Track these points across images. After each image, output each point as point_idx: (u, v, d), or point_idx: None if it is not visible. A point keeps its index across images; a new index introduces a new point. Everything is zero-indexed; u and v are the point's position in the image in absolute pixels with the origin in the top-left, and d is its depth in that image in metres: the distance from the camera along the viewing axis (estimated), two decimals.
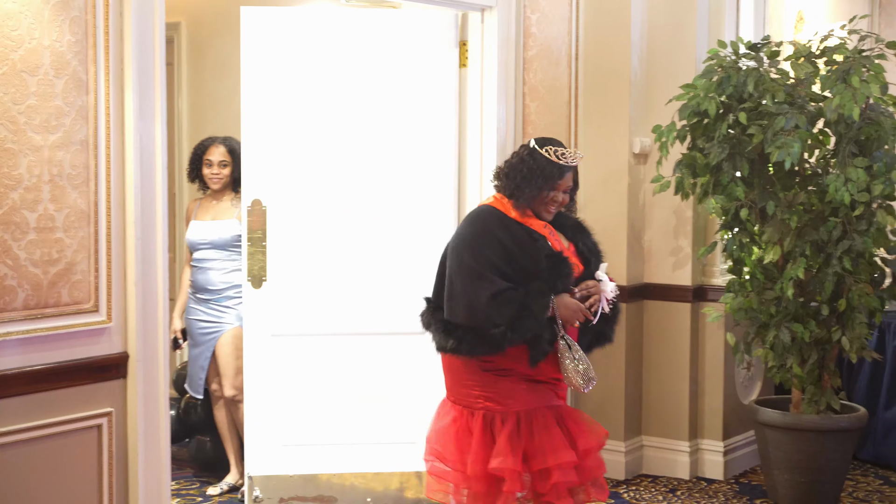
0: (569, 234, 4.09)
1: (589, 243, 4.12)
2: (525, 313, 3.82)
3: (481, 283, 3.84)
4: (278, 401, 5.27)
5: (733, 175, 5.39)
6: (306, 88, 5.19)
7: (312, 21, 5.22)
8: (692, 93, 5.40)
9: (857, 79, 5.12)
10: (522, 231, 3.94)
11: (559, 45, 5.78)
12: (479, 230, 3.95)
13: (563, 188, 4.01)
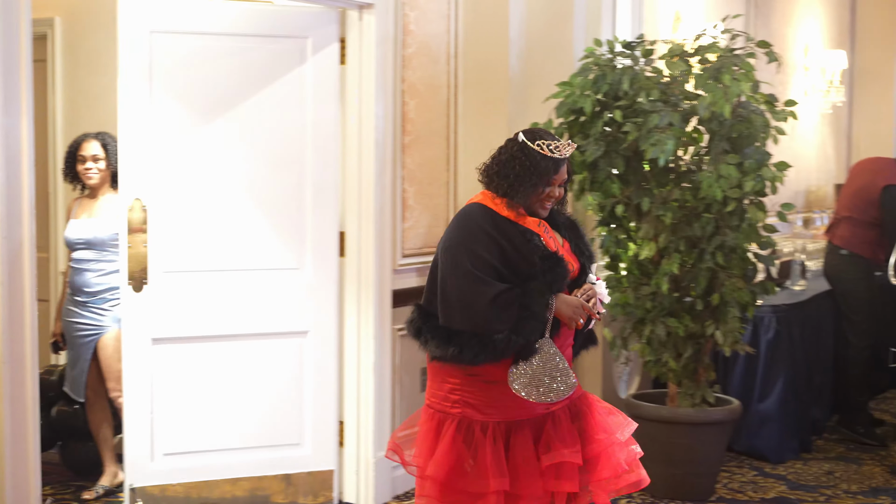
0: (562, 232, 3.91)
1: (581, 242, 3.94)
2: (526, 315, 3.63)
3: (478, 285, 3.63)
4: (160, 408, 5.15)
5: (609, 172, 5.46)
6: (185, 83, 5.10)
7: (191, 14, 5.12)
8: (568, 91, 5.46)
9: (728, 77, 5.22)
10: (516, 230, 3.73)
11: (438, 42, 5.79)
12: (473, 230, 3.72)
13: (559, 182, 3.81)
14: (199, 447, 5.23)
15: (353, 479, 5.51)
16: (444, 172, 5.86)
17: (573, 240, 3.90)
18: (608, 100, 5.45)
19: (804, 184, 9.49)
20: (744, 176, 5.32)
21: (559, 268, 3.70)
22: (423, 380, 5.78)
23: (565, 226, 3.93)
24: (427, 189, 5.76)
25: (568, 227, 3.94)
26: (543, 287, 3.66)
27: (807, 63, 9.45)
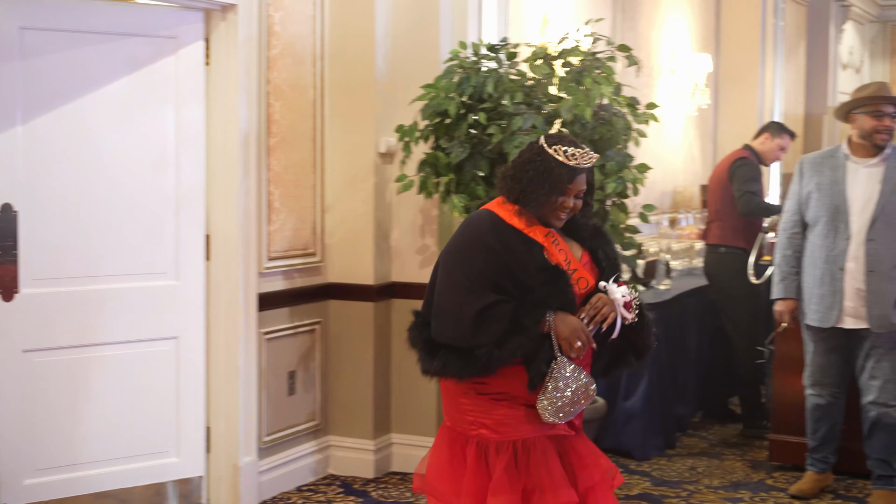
0: (586, 243, 3.68)
1: (608, 252, 3.69)
2: (515, 329, 3.43)
3: (469, 296, 3.45)
4: (32, 422, 4.95)
5: (474, 174, 5.48)
6: (53, 83, 4.95)
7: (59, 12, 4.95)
8: (433, 93, 5.47)
9: (589, 80, 5.29)
10: (518, 239, 3.53)
11: (304, 44, 5.76)
12: (471, 238, 3.55)
13: (575, 192, 3.57)
14: (73, 461, 5.09)
15: (220, 485, 5.45)
16: (310, 174, 5.83)
17: (599, 250, 3.68)
18: (473, 102, 5.47)
19: (671, 184, 9.66)
20: (606, 178, 5.39)
21: (560, 282, 3.49)
22: (290, 383, 5.75)
23: (591, 235, 3.70)
24: (293, 191, 5.73)
25: (593, 238, 3.70)
26: (539, 301, 3.46)
27: (673, 66, 9.63)
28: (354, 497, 5.64)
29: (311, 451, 5.90)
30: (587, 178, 3.61)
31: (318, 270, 5.92)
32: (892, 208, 5.46)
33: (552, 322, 3.46)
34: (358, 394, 5.96)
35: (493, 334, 3.43)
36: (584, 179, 3.59)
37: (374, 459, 5.95)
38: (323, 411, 5.98)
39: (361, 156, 5.90)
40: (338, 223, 5.95)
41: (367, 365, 5.94)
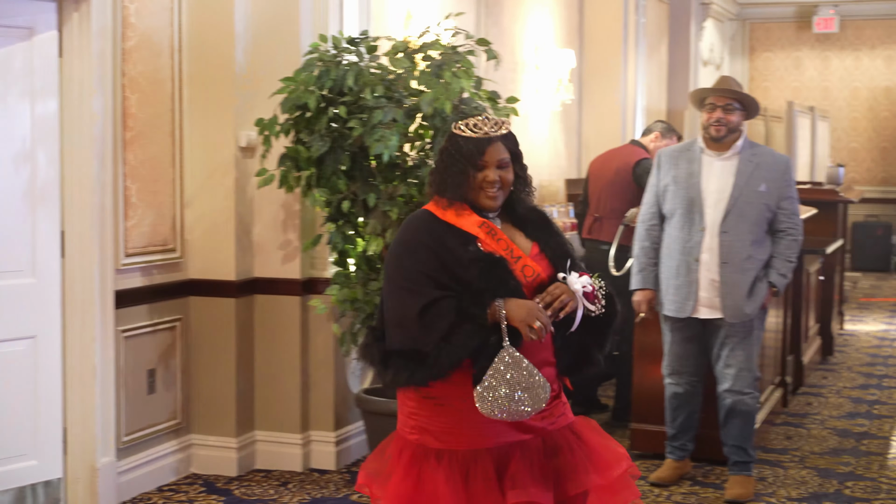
0: (530, 232, 3.44)
1: (553, 242, 3.45)
2: (461, 320, 3.21)
3: (411, 297, 3.26)
4: None
5: (336, 168, 5.46)
6: None
7: None
8: (293, 86, 5.43)
9: (449, 74, 5.30)
10: (451, 233, 3.33)
11: (161, 36, 5.66)
12: (406, 239, 3.36)
13: (494, 164, 3.33)
14: None
15: (77, 486, 5.32)
16: (169, 169, 5.74)
17: (542, 241, 3.45)
18: (333, 95, 5.45)
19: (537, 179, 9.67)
20: None
21: (497, 269, 3.29)
22: (150, 381, 5.65)
23: (535, 224, 3.47)
24: (151, 186, 5.62)
25: (538, 226, 3.47)
26: (480, 290, 3.25)
27: (537, 62, 9.72)
28: (217, 496, 5.57)
29: (172, 451, 5.81)
30: (507, 147, 3.37)
31: (177, 266, 5.82)
32: (744, 201, 5.58)
33: (501, 307, 3.23)
34: (220, 391, 5.88)
35: (440, 330, 3.22)
36: (501, 148, 3.35)
37: (237, 457, 5.88)
38: (184, 410, 5.89)
39: (221, 150, 5.82)
40: (198, 218, 5.87)
41: (229, 362, 5.87)
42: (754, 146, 5.75)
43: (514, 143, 3.42)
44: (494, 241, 3.35)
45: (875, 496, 5.71)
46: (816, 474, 6.05)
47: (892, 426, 7.14)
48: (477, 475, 3.28)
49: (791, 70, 16.07)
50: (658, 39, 12.72)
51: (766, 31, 16.19)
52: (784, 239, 5.64)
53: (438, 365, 3.22)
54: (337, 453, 6.04)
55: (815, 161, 13.80)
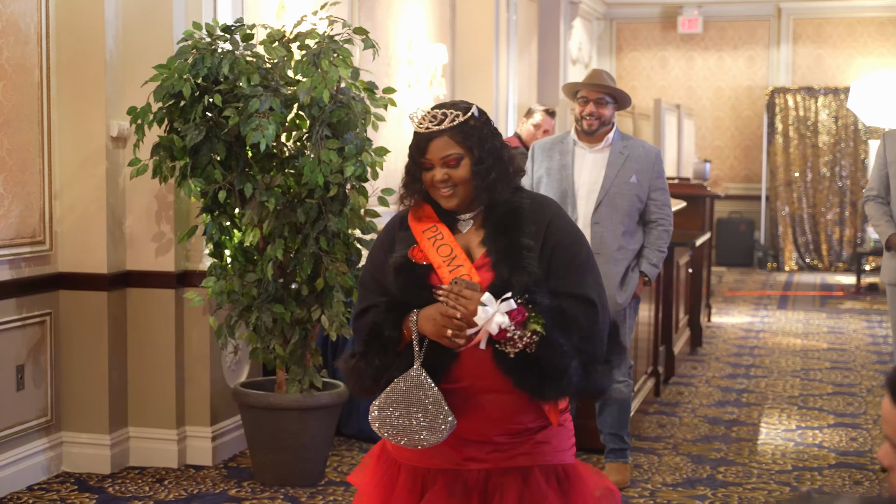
0: (490, 234, 3.03)
1: (502, 244, 2.99)
2: (376, 333, 2.98)
3: (358, 300, 3.11)
4: None
5: (211, 158, 5.37)
6: None
7: None
8: (166, 74, 5.32)
9: (326, 62, 5.26)
10: (401, 237, 3.07)
11: (28, 21, 5.49)
12: (378, 237, 3.19)
13: (440, 161, 2.98)
14: None
15: None
16: (37, 159, 5.57)
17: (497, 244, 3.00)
18: (208, 84, 5.36)
19: None
20: (344, 161, 5.38)
21: (410, 280, 2.99)
22: (18, 378, 5.49)
23: (503, 226, 3.03)
24: (19, 177, 5.46)
25: (503, 227, 3.02)
26: (394, 304, 2.99)
27: (410, 56, 9.71)
28: (90, 494, 5.43)
29: (42, 449, 5.64)
30: (457, 140, 2.99)
31: (46, 259, 5.66)
32: (615, 192, 5.65)
33: (414, 321, 2.95)
34: (92, 387, 5.73)
35: (360, 342, 3.02)
36: (447, 143, 2.98)
37: (110, 455, 5.74)
38: (54, 406, 5.73)
39: (92, 139, 5.67)
40: (68, 210, 5.71)
41: (101, 357, 5.73)
42: (626, 138, 5.83)
43: (467, 135, 3.00)
44: (433, 248, 3.02)
45: (747, 480, 5.84)
46: (690, 460, 6.16)
47: (761, 413, 7.32)
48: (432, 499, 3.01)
49: (657, 69, 16.37)
50: (528, 37, 12.84)
51: (633, 31, 16.46)
52: (655, 230, 5.72)
53: (361, 380, 3.01)
54: (213, 449, 5.94)
55: (682, 157, 14.09)
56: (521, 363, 2.90)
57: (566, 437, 3.09)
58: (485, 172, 3.01)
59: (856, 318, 11.46)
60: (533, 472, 2.99)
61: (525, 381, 2.92)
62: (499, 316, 2.84)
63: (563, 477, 3.03)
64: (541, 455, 3.02)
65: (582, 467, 3.14)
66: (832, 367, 8.90)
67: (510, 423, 3.00)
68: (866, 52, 15.63)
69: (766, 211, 16.00)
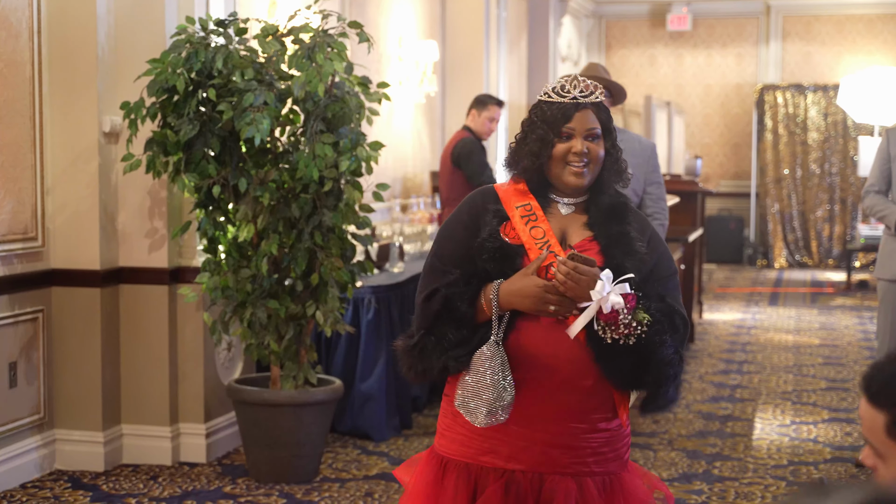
0: (595, 222, 2.90)
1: (612, 230, 2.86)
2: (450, 307, 2.82)
3: (427, 279, 2.90)
4: None
5: (205, 152, 5.34)
6: None
7: None
8: (160, 68, 5.28)
9: (321, 56, 5.23)
10: (491, 214, 2.89)
11: (19, 16, 5.45)
12: (453, 216, 2.98)
13: (582, 133, 2.83)
14: None
15: None
16: (29, 154, 5.53)
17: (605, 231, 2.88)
18: (202, 78, 5.32)
19: (402, 171, 9.73)
20: (339, 156, 5.35)
21: (505, 262, 2.84)
22: (11, 375, 5.44)
23: (608, 214, 2.89)
24: (10, 172, 5.41)
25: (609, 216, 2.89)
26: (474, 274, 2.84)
27: (401, 54, 9.69)
28: (84, 491, 5.39)
29: (35, 446, 5.60)
30: (599, 117, 2.87)
31: (39, 256, 5.62)
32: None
33: (496, 298, 2.81)
34: (85, 384, 5.69)
35: (428, 318, 2.85)
36: (592, 117, 2.85)
37: (103, 452, 5.70)
38: (47, 404, 5.69)
39: (84, 135, 5.63)
40: (60, 206, 5.67)
41: (94, 354, 5.68)
42: (621, 132, 5.77)
43: (607, 115, 2.90)
44: (526, 228, 2.86)
45: (743, 475, 5.83)
46: (685, 456, 6.15)
47: (755, 408, 7.31)
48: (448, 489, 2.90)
49: (646, 67, 16.37)
50: (518, 34, 12.82)
51: (622, 29, 16.46)
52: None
53: (423, 359, 2.86)
54: (207, 445, 5.90)
55: (672, 154, 14.08)
56: (617, 351, 2.77)
57: (623, 443, 2.98)
58: (617, 156, 2.91)
59: (847, 314, 11.47)
60: (587, 482, 2.88)
61: (617, 371, 2.80)
62: (615, 295, 2.71)
63: (619, 487, 2.92)
64: (597, 463, 2.91)
65: (637, 473, 3.04)
66: (825, 362, 8.91)
67: (571, 422, 2.86)
68: (855, 50, 15.65)
69: (756, 208, 16.01)
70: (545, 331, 2.83)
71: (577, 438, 2.87)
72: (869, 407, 1.84)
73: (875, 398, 1.84)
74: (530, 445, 2.86)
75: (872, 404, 1.84)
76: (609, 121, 2.91)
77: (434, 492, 2.92)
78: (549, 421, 2.86)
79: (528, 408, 2.85)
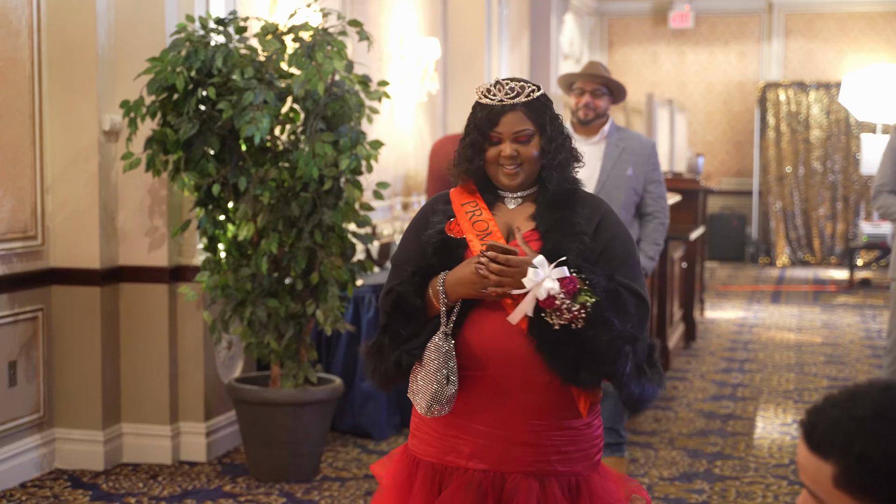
0: (542, 214, 2.90)
1: (554, 217, 2.87)
2: (399, 303, 2.85)
3: (387, 281, 2.94)
4: None
5: (205, 151, 5.33)
6: None
7: None
8: (159, 67, 5.27)
9: (321, 55, 5.22)
10: (439, 213, 2.94)
11: (18, 14, 5.44)
12: (415, 216, 3.03)
13: (510, 136, 2.83)
14: None
15: None
16: (28, 153, 5.52)
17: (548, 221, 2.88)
18: (201, 77, 5.31)
19: (403, 169, 9.71)
20: (339, 154, 5.34)
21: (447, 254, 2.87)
22: (10, 374, 5.44)
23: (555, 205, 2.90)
24: (10, 171, 5.41)
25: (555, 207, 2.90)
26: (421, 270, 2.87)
27: (402, 52, 9.67)
28: (84, 490, 5.38)
29: (35, 445, 5.59)
30: (530, 116, 2.85)
31: (39, 255, 5.61)
32: (612, 185, 5.61)
33: (443, 289, 2.82)
34: (85, 383, 5.68)
35: (383, 318, 2.90)
36: (520, 119, 2.84)
37: (103, 451, 5.69)
38: (47, 402, 5.68)
39: (84, 133, 5.62)
40: (60, 205, 5.66)
41: (94, 353, 5.68)
42: (621, 130, 5.80)
43: (541, 112, 2.88)
44: (469, 223, 2.90)
45: (744, 474, 5.81)
46: (686, 454, 6.14)
47: (756, 407, 7.30)
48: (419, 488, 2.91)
49: (648, 65, 16.35)
50: (520, 32, 12.80)
51: (624, 27, 16.44)
52: (651, 222, 5.69)
53: (381, 355, 2.88)
54: (207, 444, 5.89)
55: (674, 152, 14.06)
56: (559, 340, 2.74)
57: (591, 444, 2.94)
58: (554, 152, 2.89)
59: (849, 312, 11.46)
60: (551, 481, 2.85)
61: (559, 361, 2.77)
62: (549, 281, 2.69)
63: (586, 489, 2.88)
64: (561, 462, 2.87)
65: (607, 475, 2.99)
66: (827, 361, 8.89)
67: (532, 419, 2.83)
68: (857, 47, 15.63)
69: (758, 206, 16.00)
70: (499, 326, 2.80)
71: (539, 436, 2.84)
72: (811, 456, 1.67)
73: (818, 448, 1.66)
74: (491, 444, 2.84)
75: (816, 454, 1.66)
76: (545, 117, 2.88)
77: (404, 490, 2.92)
78: (509, 419, 2.83)
79: (487, 405, 2.83)
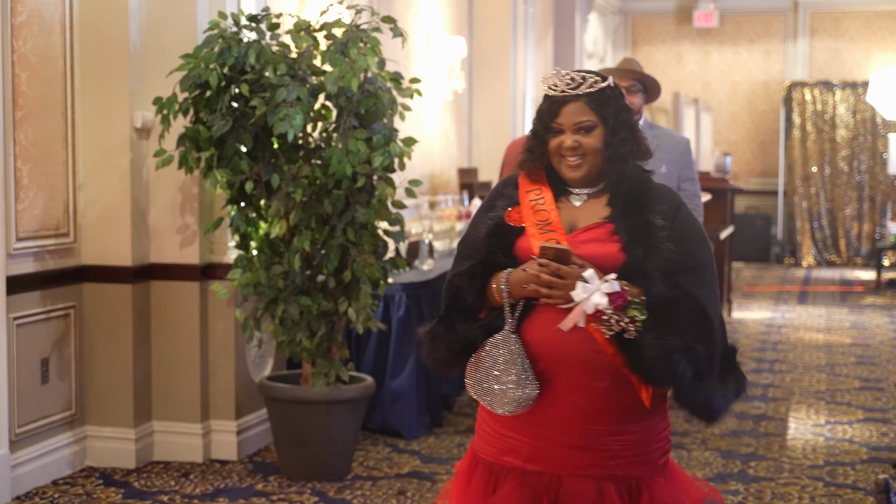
0: (617, 211, 2.83)
1: (634, 223, 2.79)
2: (459, 298, 2.84)
3: (454, 264, 2.92)
4: None
5: (237, 148, 5.31)
6: None
7: None
8: (192, 63, 5.25)
9: (354, 51, 5.19)
10: (504, 199, 2.92)
11: (52, 11, 5.43)
12: (482, 203, 3.00)
13: (571, 127, 2.81)
14: None
15: None
16: (61, 150, 5.52)
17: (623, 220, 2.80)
18: (234, 74, 5.29)
19: (429, 168, 9.69)
20: (372, 151, 5.31)
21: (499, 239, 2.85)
22: (43, 371, 5.43)
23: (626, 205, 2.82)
24: (43, 167, 5.40)
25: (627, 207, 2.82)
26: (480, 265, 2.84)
27: (428, 50, 9.64)
28: (115, 488, 5.37)
29: (67, 443, 5.58)
30: (593, 108, 2.82)
31: (71, 252, 5.60)
32: None
33: (507, 286, 2.79)
34: (116, 381, 5.67)
35: (444, 307, 2.87)
36: (582, 109, 2.81)
37: (134, 449, 5.67)
38: (79, 400, 5.67)
39: (116, 130, 5.61)
40: (92, 202, 5.65)
41: (126, 350, 5.66)
42: (654, 127, 5.76)
43: (604, 104, 2.83)
44: (531, 211, 2.86)
45: (779, 475, 5.76)
46: (719, 455, 6.09)
47: (788, 408, 7.24)
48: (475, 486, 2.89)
49: (672, 64, 16.28)
50: (544, 31, 12.76)
51: (648, 26, 16.38)
52: None
53: (437, 346, 2.87)
54: (238, 443, 5.87)
55: (700, 151, 14.00)
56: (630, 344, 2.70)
57: (654, 447, 2.86)
58: (617, 145, 2.83)
59: (878, 313, 11.37)
60: (608, 485, 2.80)
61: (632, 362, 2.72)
62: (598, 296, 2.67)
63: (648, 494, 2.82)
64: (620, 467, 2.81)
65: (675, 478, 2.91)
66: (858, 361, 8.82)
67: (589, 424, 2.79)
68: (884, 46, 15.52)
69: (784, 206, 15.91)
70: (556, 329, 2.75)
71: (597, 441, 2.80)
72: None
73: None
74: (549, 447, 2.81)
75: None
76: (606, 105, 2.83)
77: (463, 486, 2.92)
78: (566, 422, 2.80)
79: (546, 408, 2.80)
